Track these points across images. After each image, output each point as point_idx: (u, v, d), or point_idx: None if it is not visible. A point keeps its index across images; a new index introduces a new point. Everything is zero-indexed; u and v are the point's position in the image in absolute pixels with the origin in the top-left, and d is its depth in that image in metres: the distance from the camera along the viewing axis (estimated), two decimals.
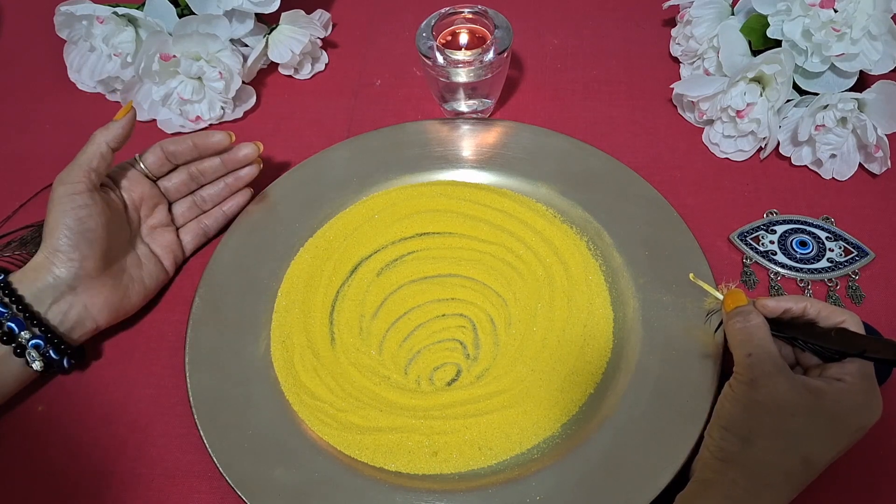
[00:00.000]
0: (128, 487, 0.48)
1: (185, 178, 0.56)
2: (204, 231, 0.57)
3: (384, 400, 0.50)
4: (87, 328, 0.50)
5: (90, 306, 0.50)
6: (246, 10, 0.63)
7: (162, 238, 0.55)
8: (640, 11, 0.72)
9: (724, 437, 0.40)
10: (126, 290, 0.52)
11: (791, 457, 0.38)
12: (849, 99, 0.55)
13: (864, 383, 0.40)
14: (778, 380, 0.40)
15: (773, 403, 0.39)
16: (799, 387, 0.39)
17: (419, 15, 0.61)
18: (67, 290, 0.49)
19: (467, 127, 0.62)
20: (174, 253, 0.55)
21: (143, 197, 0.54)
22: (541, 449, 0.47)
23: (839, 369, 0.40)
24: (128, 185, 0.53)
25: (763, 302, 0.43)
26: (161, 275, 0.54)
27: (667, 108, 0.65)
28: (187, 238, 0.57)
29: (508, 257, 0.55)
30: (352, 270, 0.55)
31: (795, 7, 0.56)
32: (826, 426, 0.39)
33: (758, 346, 0.41)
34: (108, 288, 0.50)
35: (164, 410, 0.51)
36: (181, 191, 0.56)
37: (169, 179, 0.56)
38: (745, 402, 0.40)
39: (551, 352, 0.51)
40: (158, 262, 0.54)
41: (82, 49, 0.66)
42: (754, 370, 0.40)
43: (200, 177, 0.56)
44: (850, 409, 0.39)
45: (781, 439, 0.39)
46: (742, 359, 0.41)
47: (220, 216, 0.57)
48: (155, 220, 0.55)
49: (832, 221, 0.56)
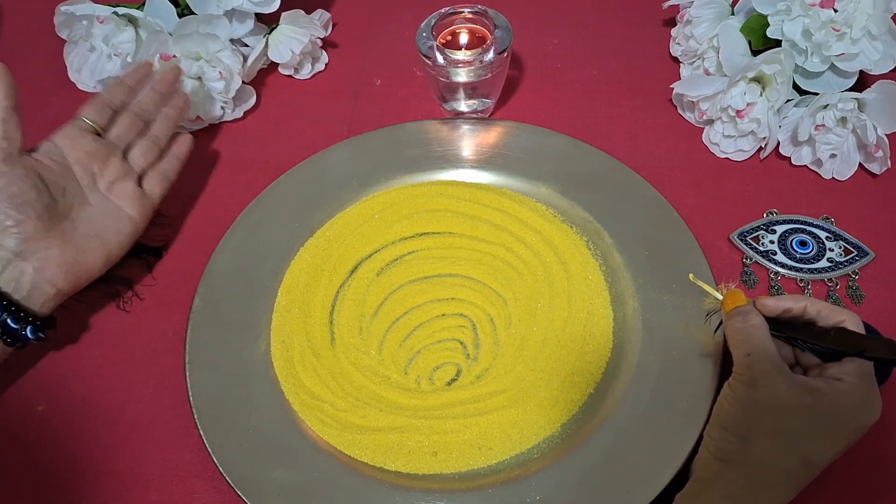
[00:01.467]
0: (128, 487, 0.48)
1: (131, 118, 0.56)
2: (165, 175, 0.57)
3: (384, 400, 0.50)
4: (47, 292, 0.49)
5: (42, 269, 0.49)
6: (246, 9, 0.63)
7: (122, 189, 0.54)
8: (640, 11, 0.72)
9: (723, 436, 0.40)
10: (81, 248, 0.51)
11: (790, 456, 0.38)
12: (849, 99, 0.55)
13: (863, 383, 0.40)
14: (777, 379, 0.40)
15: (772, 403, 0.39)
16: (797, 387, 0.39)
17: (419, 15, 0.61)
18: (13, 257, 0.48)
19: (467, 127, 0.62)
20: (139, 202, 0.55)
21: (89, 151, 0.53)
22: (541, 449, 0.47)
23: (838, 369, 0.40)
24: (68, 142, 0.53)
25: (762, 301, 0.43)
26: (127, 227, 0.54)
27: (667, 108, 0.65)
28: (150, 185, 0.56)
29: (508, 257, 0.55)
30: (352, 270, 0.55)
31: (795, 7, 0.56)
32: (825, 426, 0.39)
33: (756, 345, 0.41)
34: (57, 248, 0.50)
35: (164, 410, 0.51)
36: (132, 131, 0.56)
37: (116, 126, 0.56)
38: (744, 401, 0.40)
39: (551, 352, 0.51)
40: (123, 214, 0.54)
41: (82, 49, 0.66)
42: (753, 370, 0.40)
43: (143, 113, 0.57)
44: (849, 409, 0.39)
45: (780, 439, 0.39)
46: (741, 359, 0.41)
47: (174, 159, 0.58)
48: (111, 172, 0.54)
49: (832, 221, 0.56)
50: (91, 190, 0.53)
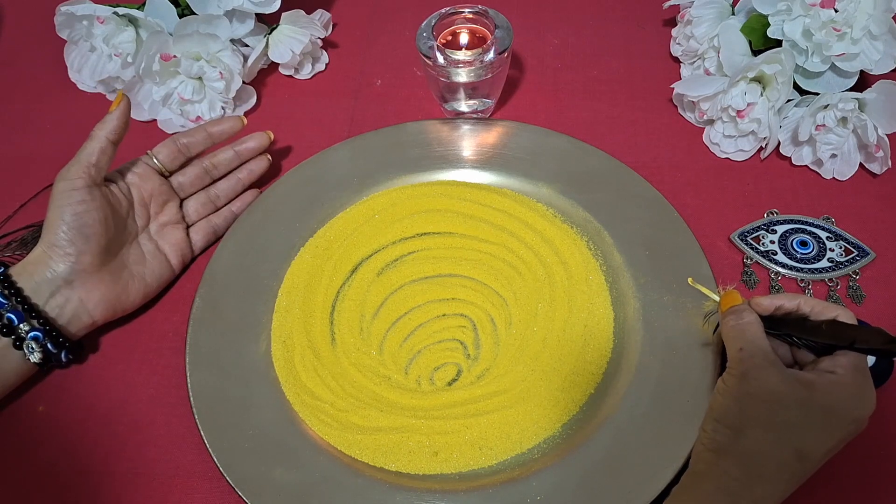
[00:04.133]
0: (128, 487, 0.48)
1: (199, 172, 0.56)
2: (214, 230, 0.57)
3: (385, 400, 0.50)
4: (84, 323, 0.50)
5: (86, 301, 0.50)
6: (246, 10, 0.63)
7: (171, 235, 0.55)
8: (641, 11, 0.72)
9: (716, 428, 0.41)
10: (125, 286, 0.52)
11: (783, 448, 0.39)
12: (849, 99, 0.55)
13: (856, 375, 0.40)
14: (769, 372, 0.40)
15: (765, 395, 0.39)
16: (790, 379, 0.40)
17: (419, 15, 0.61)
18: (64, 285, 0.49)
19: (468, 127, 0.61)
20: (182, 251, 0.55)
21: (153, 193, 0.54)
22: (541, 449, 0.47)
23: (830, 362, 0.41)
24: (137, 180, 0.53)
25: (757, 300, 0.44)
26: (166, 273, 0.54)
27: (667, 108, 0.65)
28: (197, 237, 0.57)
29: (509, 257, 0.55)
30: (352, 270, 0.55)
31: (796, 7, 0.56)
32: (818, 418, 0.39)
33: (749, 340, 0.42)
34: (105, 284, 0.50)
35: (165, 410, 0.51)
36: (195, 185, 0.57)
37: (183, 174, 0.56)
38: (737, 394, 0.40)
39: (552, 352, 0.51)
40: (165, 259, 0.54)
41: (83, 49, 0.66)
42: (745, 363, 0.41)
43: (214, 170, 0.57)
44: (842, 401, 0.39)
45: (773, 431, 0.39)
46: (734, 353, 0.42)
47: (229, 215, 0.58)
48: (165, 217, 0.55)
49: (833, 221, 0.56)
50: (144, 230, 0.54)
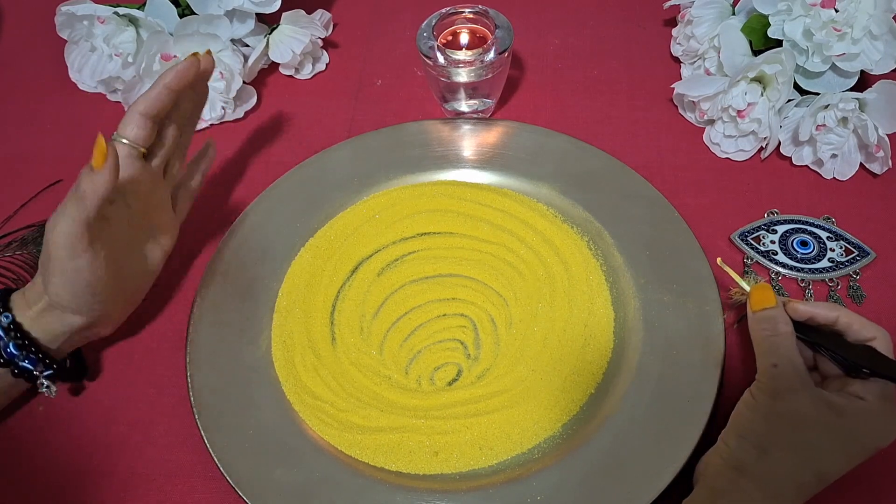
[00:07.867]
0: (128, 487, 0.48)
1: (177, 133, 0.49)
2: (191, 194, 0.54)
3: (385, 400, 0.50)
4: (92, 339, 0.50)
5: (102, 330, 0.50)
6: (247, 10, 0.63)
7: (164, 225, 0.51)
8: (641, 11, 0.72)
9: (740, 445, 0.40)
10: (133, 295, 0.51)
11: (805, 471, 0.38)
12: (850, 99, 0.55)
13: (885, 405, 0.39)
14: (802, 395, 0.39)
15: (795, 417, 0.38)
16: (821, 402, 0.39)
17: (420, 15, 0.61)
18: (83, 328, 0.47)
19: (468, 127, 0.61)
20: (172, 231, 0.52)
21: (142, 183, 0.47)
22: (541, 449, 0.47)
23: (861, 387, 0.40)
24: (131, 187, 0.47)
25: (794, 306, 0.42)
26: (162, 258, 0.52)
27: (667, 108, 0.65)
28: (180, 205, 0.53)
29: (509, 257, 0.55)
30: (352, 270, 0.55)
31: (796, 7, 0.56)
32: (843, 444, 0.38)
33: (784, 356, 0.40)
34: (119, 308, 0.50)
35: (165, 410, 0.51)
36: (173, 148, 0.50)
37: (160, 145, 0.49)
38: (766, 412, 0.39)
39: (552, 352, 0.51)
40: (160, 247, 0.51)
41: (83, 49, 0.66)
42: (777, 381, 0.39)
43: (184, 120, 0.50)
44: (869, 431, 0.39)
45: (798, 453, 0.38)
46: (767, 368, 0.40)
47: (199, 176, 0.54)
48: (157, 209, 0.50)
49: (833, 221, 0.56)
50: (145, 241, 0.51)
